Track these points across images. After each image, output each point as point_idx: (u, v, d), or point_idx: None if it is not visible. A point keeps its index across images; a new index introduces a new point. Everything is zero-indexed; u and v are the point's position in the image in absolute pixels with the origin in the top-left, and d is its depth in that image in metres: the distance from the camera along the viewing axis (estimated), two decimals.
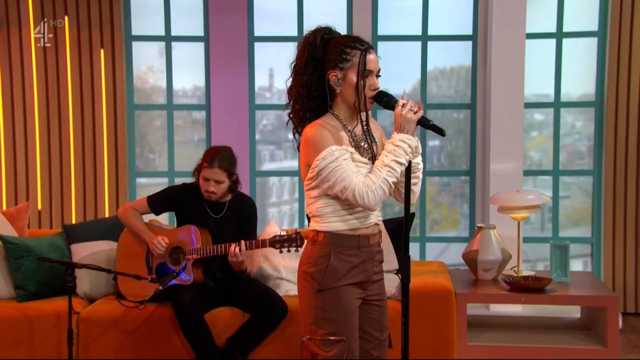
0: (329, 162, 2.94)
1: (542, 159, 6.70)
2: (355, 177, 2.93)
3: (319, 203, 3.04)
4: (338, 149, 2.95)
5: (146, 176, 6.72)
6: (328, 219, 3.04)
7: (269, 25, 6.62)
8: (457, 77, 6.67)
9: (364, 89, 3.03)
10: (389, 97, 3.07)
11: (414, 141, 2.99)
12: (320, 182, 2.99)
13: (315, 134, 2.98)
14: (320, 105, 3.10)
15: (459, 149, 6.69)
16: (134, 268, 4.74)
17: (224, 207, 4.82)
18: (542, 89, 6.57)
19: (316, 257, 3.03)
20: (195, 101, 6.74)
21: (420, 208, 6.59)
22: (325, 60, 3.05)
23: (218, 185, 4.72)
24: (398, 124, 3.00)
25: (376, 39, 6.46)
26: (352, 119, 3.12)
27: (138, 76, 6.65)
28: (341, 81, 3.05)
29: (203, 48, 6.55)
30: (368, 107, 3.07)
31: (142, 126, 6.75)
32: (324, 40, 3.08)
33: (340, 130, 3.06)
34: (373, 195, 2.93)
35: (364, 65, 3.03)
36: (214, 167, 4.69)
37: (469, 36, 6.48)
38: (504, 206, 5.28)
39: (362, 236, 3.06)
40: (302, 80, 3.06)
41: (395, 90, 6.89)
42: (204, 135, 6.64)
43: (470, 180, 6.57)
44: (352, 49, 3.04)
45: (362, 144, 3.10)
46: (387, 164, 2.95)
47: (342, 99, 3.08)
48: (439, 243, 6.77)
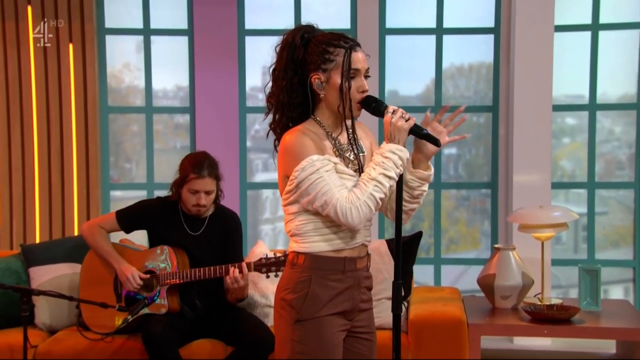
0: (310, 174, 2.98)
1: (575, 169, 6.71)
2: (338, 191, 2.97)
3: (299, 220, 3.08)
4: (320, 159, 2.99)
5: (122, 189, 6.77)
6: (309, 238, 3.08)
7: (262, 16, 6.65)
8: (476, 76, 6.69)
9: (349, 91, 3.08)
10: (377, 103, 3.11)
11: (405, 152, 3.02)
12: (300, 195, 3.03)
13: (295, 142, 3.03)
14: (303, 112, 3.15)
15: (479, 158, 6.71)
16: (101, 295, 4.79)
17: (203, 223, 4.87)
18: (574, 89, 6.58)
19: (295, 283, 3.06)
20: (177, 103, 6.78)
21: (434, 225, 6.62)
22: (306, 61, 3.10)
23: (208, 197, 4.79)
24: (388, 132, 3.04)
25: (384, 33, 6.50)
26: (337, 126, 3.16)
27: (112, 74, 6.69)
28: (325, 84, 3.09)
29: (187, 43, 6.59)
30: (355, 112, 3.12)
31: (117, 131, 6.80)
32: (305, 39, 3.12)
33: (323, 139, 3.10)
34: (357, 213, 2.96)
35: (349, 65, 3.07)
36: (204, 176, 4.74)
37: (491, 29, 6.50)
38: (525, 224, 5.30)
39: (347, 259, 3.09)
40: (282, 85, 3.11)
41: (408, 91, 6.99)
42: (188, 142, 6.69)
43: (492, 194, 6.59)
44: (336, 48, 3.09)
45: (347, 154, 3.14)
46: (375, 178, 2.98)
47: (327, 104, 3.12)
48: (456, 266, 6.79)
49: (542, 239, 5.35)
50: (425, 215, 6.84)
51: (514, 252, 5.33)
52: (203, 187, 4.74)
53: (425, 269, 6.64)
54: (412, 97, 6.83)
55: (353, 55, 3.09)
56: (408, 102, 6.78)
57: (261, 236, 6.82)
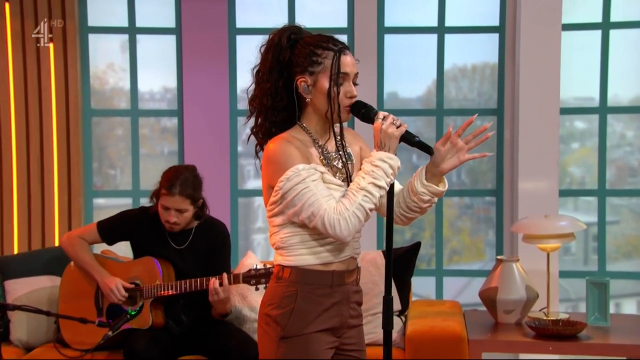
0: (295, 184, 2.99)
1: (584, 176, 6.73)
2: (325, 202, 2.98)
3: (284, 232, 3.10)
4: (306, 168, 3.01)
5: (105, 196, 6.79)
6: (295, 251, 3.09)
7: (254, 15, 6.67)
8: (480, 77, 6.71)
9: (338, 96, 3.10)
10: (367, 108, 3.12)
11: (396, 160, 3.03)
12: (285, 207, 3.04)
13: (279, 150, 3.05)
14: (288, 117, 3.17)
15: (483, 164, 6.73)
16: (81, 309, 4.81)
17: (188, 235, 4.89)
18: (584, 91, 6.60)
19: (280, 297, 3.08)
20: (165, 106, 6.80)
21: (436, 235, 6.63)
22: (292, 63, 3.12)
23: (180, 215, 4.78)
24: (378, 140, 3.05)
25: (383, 32, 6.51)
26: (324, 132, 3.18)
27: (96, 75, 6.70)
28: (311, 88, 3.11)
29: (174, 42, 6.60)
30: (344, 117, 3.14)
31: (101, 136, 6.82)
32: (292, 40, 3.14)
33: (309, 146, 3.12)
34: (346, 224, 2.98)
35: (338, 69, 3.09)
36: (173, 194, 4.73)
37: (495, 27, 6.52)
38: (529, 234, 5.31)
39: (336, 272, 3.11)
40: (266, 88, 3.13)
41: (408, 93, 7.00)
42: (176, 147, 6.69)
43: (496, 202, 6.59)
44: (324, 50, 3.11)
45: (335, 162, 3.16)
46: (364, 188, 3.00)
47: (313, 109, 3.14)
48: (459, 278, 6.80)
49: (547, 250, 5.35)
50: (426, 224, 6.86)
51: (518, 263, 5.34)
52: (172, 204, 4.74)
53: (426, 281, 6.65)
54: (413, 100, 6.84)
55: (342, 59, 3.11)
56: (408, 105, 6.80)
57: (253, 246, 6.84)
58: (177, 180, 4.77)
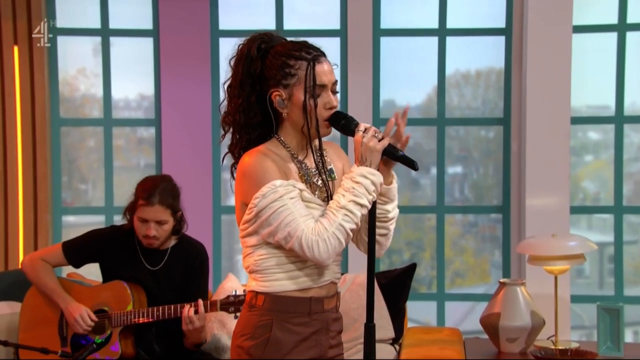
0: (271, 201, 3.00)
1: (599, 191, 6.73)
2: (303, 221, 2.99)
3: (258, 254, 3.11)
4: (284, 185, 3.02)
5: (76, 213, 6.79)
6: (270, 275, 3.10)
7: (239, 16, 6.70)
8: (485, 84, 6.73)
9: (315, 109, 3.11)
10: (347, 120, 3.12)
11: (378, 177, 3.02)
12: (259, 226, 3.06)
13: (255, 164, 3.05)
14: (264, 133, 3.18)
15: (489, 178, 6.74)
16: (43, 339, 4.80)
17: (164, 256, 4.90)
18: (598, 99, 6.61)
19: (254, 327, 3.09)
20: (141, 114, 6.82)
21: (437, 256, 6.63)
22: (265, 76, 3.13)
23: (160, 227, 4.79)
24: (359, 154, 3.05)
25: (378, 34, 6.52)
26: (303, 148, 3.19)
27: (65, 81, 6.72)
28: (287, 102, 3.12)
29: (152, 45, 6.63)
30: (323, 131, 3.14)
31: (71, 147, 6.82)
32: (262, 50, 3.16)
33: (288, 161, 3.13)
34: (325, 246, 2.98)
35: (313, 80, 3.10)
36: (153, 203, 4.75)
37: (501, 30, 6.53)
38: (535, 255, 5.31)
39: (314, 299, 3.12)
40: (238, 103, 3.15)
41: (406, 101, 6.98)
42: (153, 159, 6.70)
43: (503, 219, 6.60)
44: (297, 60, 3.11)
45: (315, 179, 3.18)
46: (344, 206, 3.00)
47: (291, 124, 3.15)
48: (462, 302, 6.81)
49: (555, 273, 5.35)
50: (426, 244, 6.87)
51: (522, 287, 5.34)
52: (152, 215, 4.74)
53: (426, 307, 6.66)
54: (412, 108, 6.85)
55: (317, 68, 3.11)
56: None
57: (237, 267, 6.84)
58: (156, 189, 4.78)
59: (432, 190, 6.74)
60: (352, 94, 6.46)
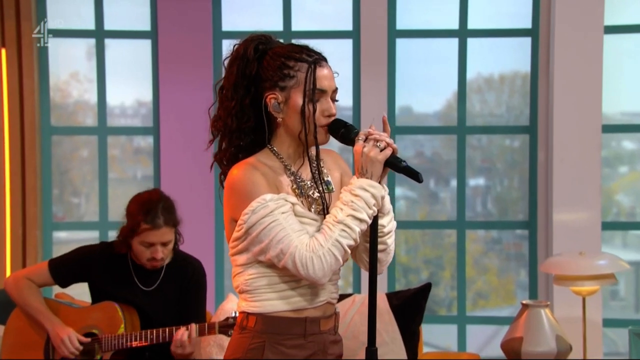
0: (262, 217, 3.01)
1: (634, 205, 6.71)
2: (297, 237, 2.99)
3: (249, 273, 3.12)
4: (274, 199, 3.02)
5: (68, 229, 6.81)
6: (261, 295, 3.11)
7: (244, 16, 6.72)
8: (509, 89, 6.73)
9: (313, 114, 3.12)
10: (347, 128, 3.12)
11: (379, 189, 3.01)
12: (250, 243, 3.06)
13: (244, 178, 3.07)
14: (256, 140, 3.19)
15: (513, 191, 6.73)
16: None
17: (158, 275, 4.90)
18: (632, 106, 6.60)
19: (245, 351, 3.10)
20: (138, 122, 6.85)
21: (458, 275, 6.62)
22: (261, 78, 3.14)
23: (166, 248, 4.79)
24: (359, 164, 3.03)
25: (394, 35, 6.54)
26: (298, 157, 3.18)
27: (57, 87, 6.76)
28: (283, 105, 3.13)
29: (150, 47, 6.66)
30: (320, 139, 3.14)
31: (63, 157, 6.85)
32: (260, 51, 3.17)
33: (279, 173, 3.13)
34: (320, 263, 2.97)
35: (313, 83, 3.11)
36: (159, 226, 4.71)
37: (527, 30, 6.53)
38: (561, 275, 5.31)
39: (309, 320, 3.12)
40: (230, 107, 3.16)
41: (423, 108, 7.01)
42: (151, 171, 6.73)
43: (529, 236, 6.59)
44: (297, 62, 3.12)
45: (311, 192, 3.19)
46: (341, 221, 2.99)
47: (286, 130, 3.16)
48: (485, 326, 6.79)
49: (582, 294, 5.35)
50: (446, 262, 6.86)
51: (547, 309, 5.32)
52: (159, 238, 4.73)
53: (446, 330, 6.65)
54: (429, 116, 6.87)
55: (318, 71, 3.11)
56: (424, 122, 6.82)
57: None
58: (157, 209, 4.74)
59: (452, 204, 6.73)
60: (365, 100, 6.47)
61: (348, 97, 6.54)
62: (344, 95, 6.42)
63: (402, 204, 6.88)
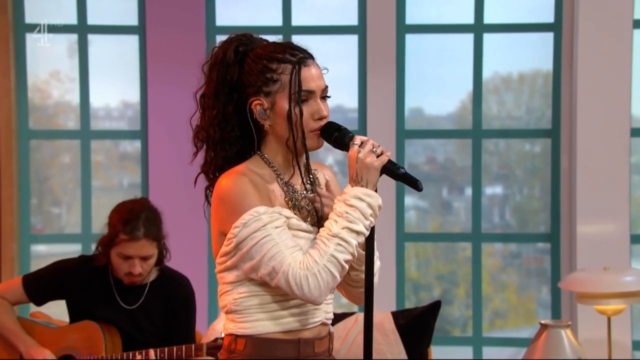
0: (253, 231, 2.99)
1: None
2: (290, 254, 2.97)
3: (238, 292, 3.10)
4: (268, 212, 3.01)
5: (47, 241, 6.82)
6: (251, 316, 3.10)
7: (239, 10, 6.73)
8: (530, 89, 6.72)
9: (301, 119, 3.11)
10: (341, 132, 3.11)
11: (376, 198, 3.01)
12: (240, 260, 3.05)
13: (234, 188, 3.06)
14: (244, 149, 3.20)
15: (534, 200, 6.73)
16: None
17: (142, 292, 4.90)
18: None
19: None
20: (124, 126, 6.85)
21: (473, 292, 6.59)
22: (243, 83, 3.14)
23: (145, 263, 4.77)
24: (353, 172, 3.02)
25: (403, 30, 6.53)
26: (289, 165, 3.17)
27: (35, 87, 6.77)
28: (269, 112, 3.12)
29: (137, 45, 6.68)
30: (311, 144, 3.13)
31: (42, 164, 6.85)
32: (240, 54, 3.17)
33: (271, 183, 3.13)
34: (315, 282, 2.96)
35: (299, 85, 3.10)
36: (137, 238, 4.70)
37: (549, 25, 6.53)
38: (583, 292, 5.30)
39: (303, 341, 3.11)
40: (212, 116, 3.18)
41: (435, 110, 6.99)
42: (138, 178, 6.74)
43: (552, 250, 6.57)
44: (280, 63, 3.11)
45: (303, 202, 3.19)
46: (337, 234, 2.98)
47: (275, 137, 3.15)
48: (504, 348, 6.78)
49: (607, 313, 5.34)
50: (460, 278, 6.85)
51: (568, 330, 5.32)
52: (137, 251, 4.71)
53: (461, 352, 6.63)
54: (442, 118, 6.86)
55: (304, 72, 3.09)
56: (436, 125, 6.81)
57: None
58: (138, 220, 4.74)
59: (466, 214, 6.72)
60: (371, 102, 6.46)
61: (353, 99, 6.54)
62: (348, 96, 6.52)
63: (413, 215, 6.87)
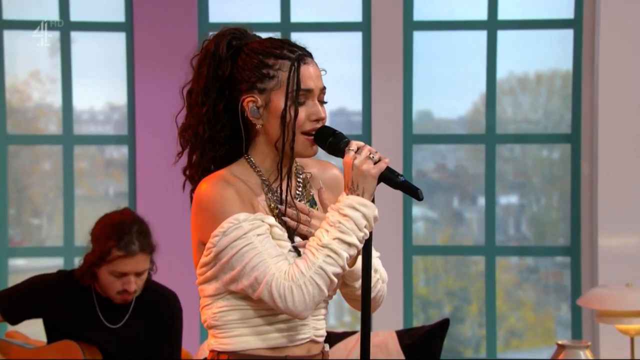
0: (234, 239, 2.98)
1: None
2: (274, 264, 2.96)
3: (218, 306, 3.09)
4: (249, 219, 3.00)
5: (27, 255, 6.84)
6: (232, 331, 3.08)
7: (235, 6, 6.74)
8: (547, 91, 6.73)
9: (294, 119, 3.12)
10: (336, 137, 3.10)
11: (372, 209, 2.98)
12: (220, 270, 3.04)
13: (214, 194, 3.05)
14: (233, 151, 3.19)
15: (553, 211, 6.73)
16: None
17: (126, 310, 4.91)
18: None
19: None
20: (110, 130, 6.89)
21: (487, 309, 6.60)
22: (236, 79, 3.14)
23: (139, 278, 4.79)
24: (349, 179, 2.99)
25: (411, 27, 6.53)
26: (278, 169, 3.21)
27: (14, 88, 6.79)
28: (263, 110, 3.11)
29: (124, 42, 6.69)
30: (302, 150, 3.12)
31: (21, 171, 6.87)
32: (233, 48, 3.17)
33: (256, 189, 3.10)
34: (300, 294, 2.95)
35: (297, 83, 3.11)
36: (134, 252, 4.69)
37: (569, 22, 6.54)
38: (603, 311, 5.30)
39: (290, 358, 3.15)
40: (201, 114, 3.17)
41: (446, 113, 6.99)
42: (125, 186, 6.75)
43: (572, 264, 6.57)
44: (277, 59, 3.10)
45: None
46: (327, 245, 2.96)
47: (266, 139, 3.13)
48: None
49: (630, 333, 5.33)
50: (472, 295, 6.86)
51: (587, 351, 5.31)
52: (133, 267, 4.70)
53: None
54: (453, 121, 6.87)
55: (303, 70, 3.09)
56: (446, 129, 6.82)
57: None
58: (132, 233, 4.74)
59: (479, 226, 6.73)
60: (377, 104, 6.46)
61: (357, 101, 6.55)
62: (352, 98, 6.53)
63: (421, 226, 6.87)
